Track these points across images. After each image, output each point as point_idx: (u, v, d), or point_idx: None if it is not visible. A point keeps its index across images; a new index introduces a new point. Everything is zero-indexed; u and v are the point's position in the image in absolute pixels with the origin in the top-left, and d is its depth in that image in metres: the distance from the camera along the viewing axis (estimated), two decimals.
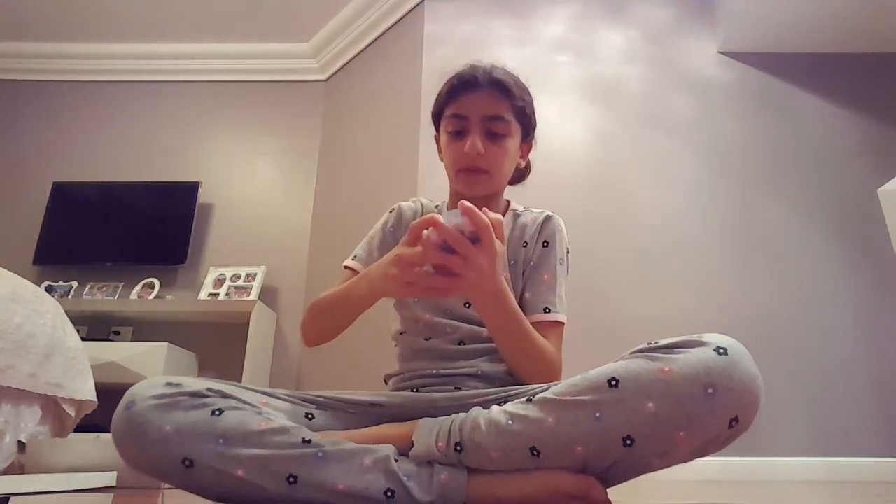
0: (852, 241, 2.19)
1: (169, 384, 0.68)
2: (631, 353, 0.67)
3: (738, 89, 2.43)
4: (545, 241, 0.99)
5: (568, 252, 1.02)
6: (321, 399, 0.81)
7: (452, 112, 0.96)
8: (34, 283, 1.94)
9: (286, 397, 0.79)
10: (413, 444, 0.69)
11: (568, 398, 0.64)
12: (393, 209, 1.08)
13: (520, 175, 1.08)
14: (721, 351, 0.60)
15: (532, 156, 1.08)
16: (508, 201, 1.09)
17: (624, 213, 2.23)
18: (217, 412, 0.67)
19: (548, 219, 1.02)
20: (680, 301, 2.11)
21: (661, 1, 2.59)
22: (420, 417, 0.77)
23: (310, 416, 0.78)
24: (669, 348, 0.64)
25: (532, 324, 0.89)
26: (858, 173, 2.27)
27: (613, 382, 0.63)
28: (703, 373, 0.59)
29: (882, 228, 2.03)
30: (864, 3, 2.25)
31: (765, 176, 2.29)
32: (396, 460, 0.66)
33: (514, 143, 0.97)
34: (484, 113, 0.93)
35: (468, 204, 0.65)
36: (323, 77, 3.16)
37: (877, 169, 2.25)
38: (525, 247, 0.99)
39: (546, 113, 2.38)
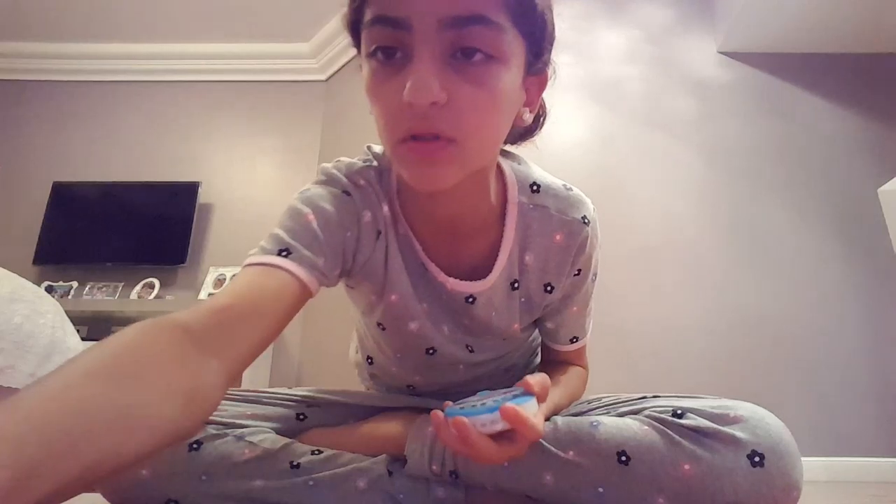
0: (852, 240, 2.18)
1: None
2: (648, 417, 0.59)
3: (738, 89, 2.43)
4: (578, 270, 0.69)
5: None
6: (313, 397, 0.77)
7: (376, 13, 0.49)
8: (34, 283, 1.94)
9: (275, 400, 0.74)
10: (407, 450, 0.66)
11: (571, 458, 0.58)
12: (334, 182, 0.64)
13: (526, 129, 0.68)
14: (757, 460, 0.51)
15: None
16: (504, 174, 0.67)
17: (624, 212, 2.23)
18: (195, 446, 0.61)
19: (585, 239, 0.67)
20: (679, 300, 2.11)
21: (661, 1, 2.59)
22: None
23: (301, 416, 0.73)
24: (697, 433, 0.55)
25: (553, 350, 0.76)
26: (858, 173, 2.27)
27: (623, 458, 0.55)
28: (728, 488, 0.51)
29: (882, 228, 2.03)
30: (864, 3, 2.25)
31: (765, 176, 2.29)
32: (391, 472, 0.63)
33: (510, 74, 0.51)
34: (442, 14, 0.47)
35: (514, 410, 0.44)
36: (323, 77, 3.16)
37: (877, 169, 2.25)
38: (549, 291, 0.69)
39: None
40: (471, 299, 0.68)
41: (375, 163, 0.67)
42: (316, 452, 0.65)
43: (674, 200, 2.26)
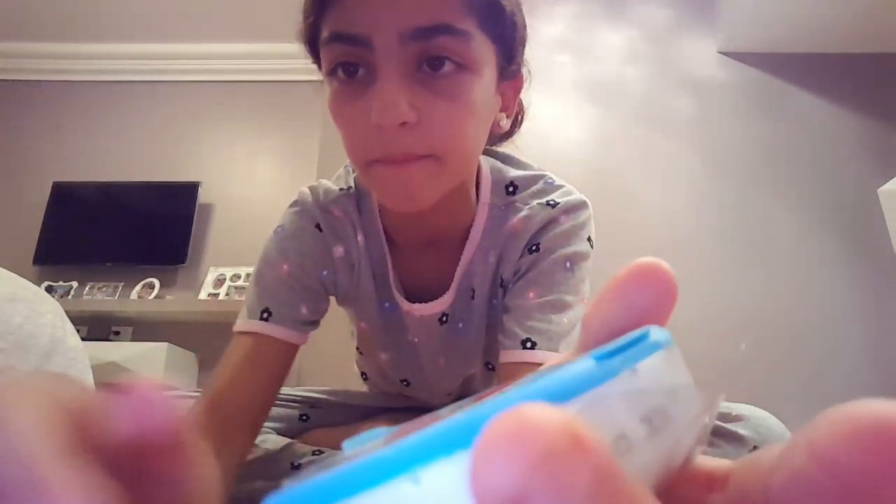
0: (852, 241, 2.18)
1: None
2: None
3: (738, 89, 2.43)
4: (536, 245, 0.59)
5: (583, 259, 0.60)
6: (316, 398, 0.76)
7: (333, 30, 0.47)
8: (34, 283, 1.94)
9: (278, 400, 0.72)
10: None
11: None
12: (307, 214, 0.63)
13: (504, 132, 0.63)
14: None
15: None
16: (481, 177, 0.62)
17: (623, 212, 2.23)
18: None
19: (548, 220, 0.59)
20: (679, 300, 2.11)
21: (661, 1, 2.59)
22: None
23: (304, 417, 0.74)
24: None
25: (500, 366, 0.58)
26: (858, 173, 2.27)
27: None
28: None
29: (882, 228, 2.03)
30: (864, 3, 2.24)
31: (765, 176, 2.29)
32: None
33: (483, 83, 0.48)
34: (404, 27, 0.44)
35: None
36: (322, 77, 3.16)
37: (877, 169, 2.24)
38: (501, 285, 0.62)
39: (546, 113, 2.39)
40: (444, 318, 0.64)
41: (354, 188, 0.65)
42: (317, 453, 0.65)
43: (673, 200, 2.26)
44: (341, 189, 0.65)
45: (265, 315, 0.58)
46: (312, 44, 0.53)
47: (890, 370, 2.00)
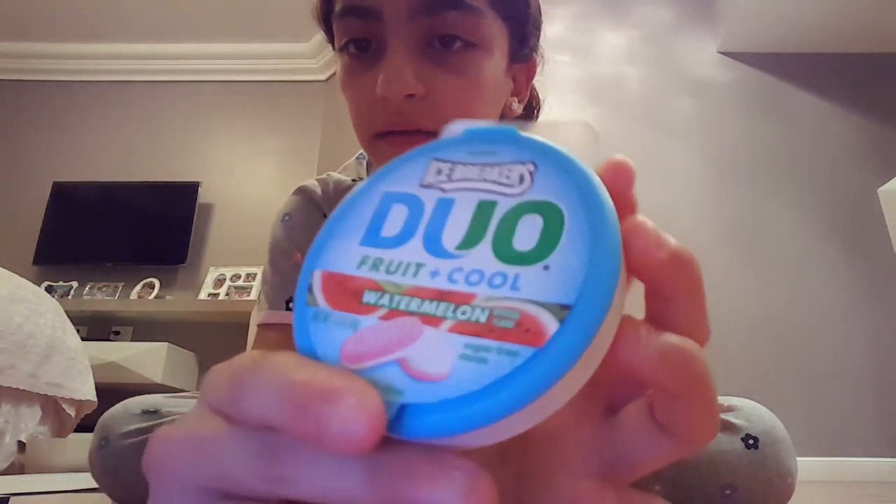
0: (852, 241, 2.19)
1: (145, 412, 0.60)
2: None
3: (738, 89, 2.43)
4: None
5: None
6: None
7: (345, 3, 0.47)
8: (34, 283, 1.94)
9: None
10: None
11: None
12: (311, 203, 0.63)
13: (519, 120, 0.60)
14: (751, 443, 0.52)
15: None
16: None
17: None
18: None
19: None
20: None
21: (661, 1, 2.59)
22: None
23: None
24: None
25: None
26: (858, 173, 2.27)
27: None
28: (723, 470, 0.51)
29: (882, 228, 2.03)
30: (864, 3, 2.24)
31: (764, 176, 2.29)
32: None
33: (493, 61, 0.48)
34: (413, 0, 0.44)
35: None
36: (323, 77, 3.16)
37: (877, 169, 2.25)
38: None
39: (545, 113, 2.39)
40: None
41: (338, 175, 0.66)
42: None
43: (673, 200, 2.26)
44: (353, 180, 0.65)
45: (290, 304, 0.56)
46: (326, 19, 0.52)
47: (890, 370, 2.00)
